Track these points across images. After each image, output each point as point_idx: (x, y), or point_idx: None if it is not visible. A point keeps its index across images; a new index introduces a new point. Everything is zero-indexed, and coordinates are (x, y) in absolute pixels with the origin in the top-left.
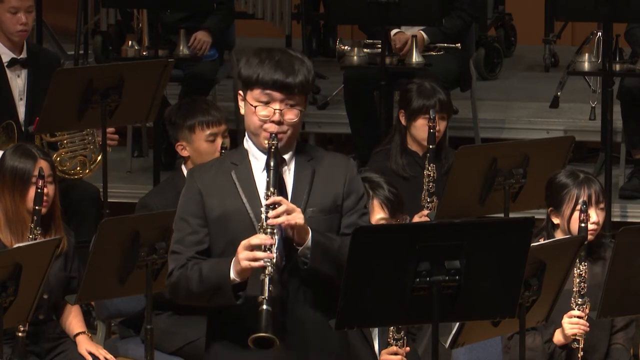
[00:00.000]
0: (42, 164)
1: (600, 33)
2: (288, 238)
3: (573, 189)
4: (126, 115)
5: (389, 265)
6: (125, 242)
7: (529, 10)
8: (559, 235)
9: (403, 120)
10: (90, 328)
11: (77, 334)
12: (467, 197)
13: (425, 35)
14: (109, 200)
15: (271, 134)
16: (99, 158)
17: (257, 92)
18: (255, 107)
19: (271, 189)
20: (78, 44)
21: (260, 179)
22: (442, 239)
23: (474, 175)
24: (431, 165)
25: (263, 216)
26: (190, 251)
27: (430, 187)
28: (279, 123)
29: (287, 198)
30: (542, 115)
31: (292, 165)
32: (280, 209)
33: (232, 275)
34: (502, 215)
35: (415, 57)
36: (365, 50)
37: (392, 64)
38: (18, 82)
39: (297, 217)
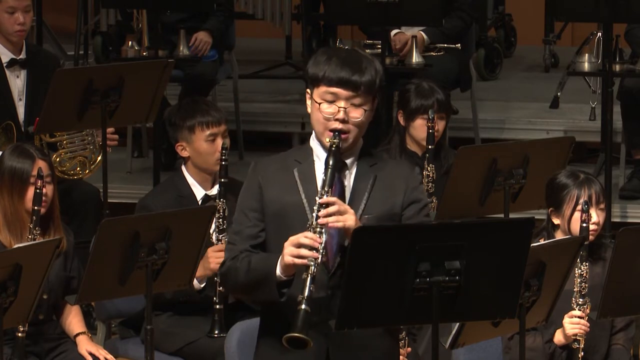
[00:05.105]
0: (41, 163)
1: (600, 33)
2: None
3: (573, 189)
4: (126, 115)
5: (389, 265)
6: (125, 243)
7: (529, 10)
8: (559, 235)
9: (402, 121)
10: (91, 328)
11: (77, 334)
12: (467, 198)
13: (425, 36)
14: (109, 200)
15: (334, 131)
16: (99, 158)
17: (322, 90)
18: (320, 104)
19: (325, 188)
20: (78, 45)
21: (322, 178)
22: (442, 239)
23: (474, 176)
24: (430, 165)
25: (314, 214)
26: (244, 244)
27: (430, 188)
28: (344, 121)
29: (345, 203)
30: (542, 116)
31: (354, 170)
32: (331, 209)
33: (278, 271)
34: (502, 215)
35: (415, 58)
36: (365, 50)
37: (392, 64)
38: (17, 82)
39: (349, 219)
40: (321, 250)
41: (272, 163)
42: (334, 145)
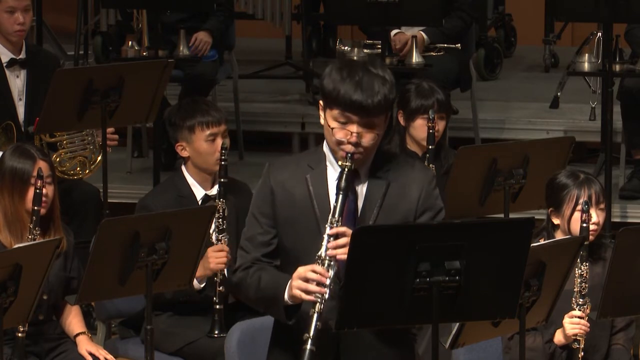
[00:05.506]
0: (41, 164)
1: (600, 33)
2: None
3: (573, 189)
4: (126, 115)
5: (389, 265)
6: (125, 243)
7: (529, 10)
8: (559, 235)
9: (402, 121)
10: (91, 328)
11: (77, 334)
12: (467, 198)
13: (425, 36)
14: (109, 200)
15: (346, 153)
16: (99, 158)
17: (336, 112)
18: (332, 128)
19: (336, 217)
20: (78, 45)
21: (334, 185)
22: (442, 239)
23: (474, 176)
24: (430, 165)
25: (324, 245)
26: (256, 252)
27: None
28: (356, 145)
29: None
30: (542, 116)
31: (367, 179)
32: (341, 241)
33: (286, 296)
34: (502, 215)
35: (415, 58)
36: (365, 50)
37: (392, 64)
38: (17, 82)
39: None
40: (329, 285)
41: (285, 166)
42: (346, 169)
